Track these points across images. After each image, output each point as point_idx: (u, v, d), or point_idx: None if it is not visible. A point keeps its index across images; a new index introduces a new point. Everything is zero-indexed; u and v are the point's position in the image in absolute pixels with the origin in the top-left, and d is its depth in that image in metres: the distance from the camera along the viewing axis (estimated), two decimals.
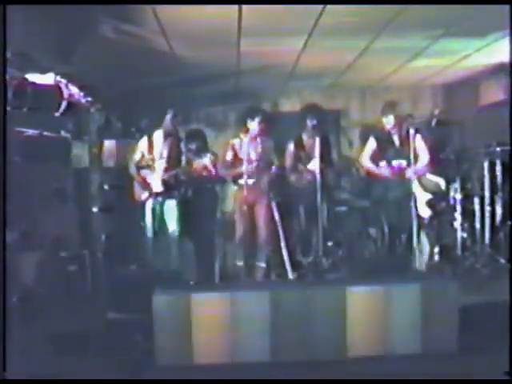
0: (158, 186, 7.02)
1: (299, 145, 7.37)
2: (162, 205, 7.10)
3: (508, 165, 7.36)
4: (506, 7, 5.27)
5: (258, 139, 7.12)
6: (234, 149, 7.18)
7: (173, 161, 7.07)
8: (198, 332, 4.81)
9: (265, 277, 7.15)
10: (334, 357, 4.82)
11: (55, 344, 4.79)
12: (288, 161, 7.39)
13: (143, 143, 7.17)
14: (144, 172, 7.10)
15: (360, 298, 4.96)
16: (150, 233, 7.07)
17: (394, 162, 7.16)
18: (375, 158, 7.34)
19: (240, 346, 4.84)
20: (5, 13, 3.85)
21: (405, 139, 7.08)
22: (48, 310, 5.02)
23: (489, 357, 4.46)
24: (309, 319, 4.88)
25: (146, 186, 7.06)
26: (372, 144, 7.39)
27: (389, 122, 7.21)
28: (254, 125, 7.06)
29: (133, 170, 7.19)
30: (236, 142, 7.20)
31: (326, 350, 4.88)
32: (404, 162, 7.08)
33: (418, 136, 7.01)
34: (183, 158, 7.09)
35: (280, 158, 7.29)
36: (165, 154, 7.05)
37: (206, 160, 6.80)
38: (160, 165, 7.04)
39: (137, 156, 7.19)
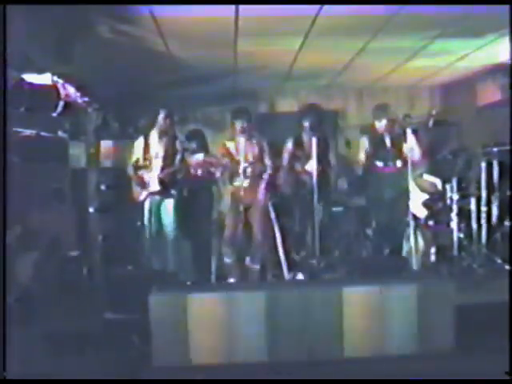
0: (154, 186, 7.02)
1: (299, 144, 7.34)
2: (158, 204, 7.11)
3: (505, 165, 7.37)
4: (503, 7, 5.27)
5: (253, 140, 7.10)
6: (227, 150, 7.17)
7: (169, 160, 7.08)
8: (195, 332, 4.81)
9: (259, 278, 7.14)
10: (331, 357, 4.83)
11: (52, 344, 4.79)
12: (285, 159, 7.40)
13: (139, 144, 7.19)
14: (141, 172, 7.11)
15: (356, 298, 4.97)
16: (147, 232, 7.08)
17: (389, 163, 7.20)
18: (370, 161, 7.38)
19: (237, 346, 4.85)
20: (5, 13, 3.86)
21: (398, 140, 7.10)
22: (45, 310, 5.03)
23: (488, 357, 4.46)
24: (305, 319, 4.89)
25: (143, 185, 7.07)
26: (365, 146, 7.43)
27: (381, 125, 7.25)
28: (238, 125, 7.04)
29: (131, 170, 7.21)
30: (229, 143, 7.19)
31: (324, 350, 4.88)
32: (398, 163, 7.12)
33: (414, 136, 7.02)
34: (179, 157, 7.11)
35: (275, 158, 7.29)
36: (160, 153, 7.07)
37: (200, 156, 6.83)
38: (156, 164, 7.05)
39: (134, 156, 7.21)
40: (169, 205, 7.11)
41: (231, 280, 7.05)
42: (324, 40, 6.91)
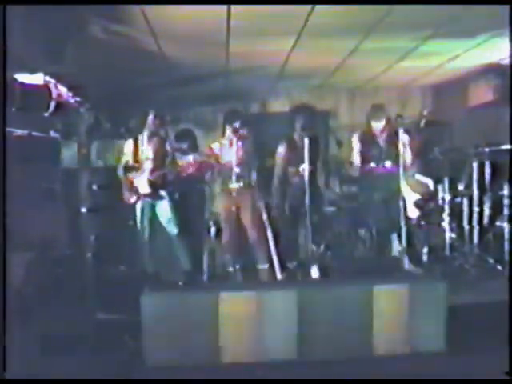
0: (144, 187, 7.00)
1: (291, 146, 7.32)
2: (149, 206, 7.09)
3: (497, 165, 7.39)
4: (494, 7, 5.28)
5: (244, 141, 7.09)
6: (215, 151, 7.16)
7: (159, 161, 7.07)
8: (187, 332, 4.80)
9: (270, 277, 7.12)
10: (328, 357, 4.83)
11: (46, 345, 4.78)
12: (278, 161, 7.38)
13: (129, 145, 7.17)
14: (131, 175, 7.09)
15: (351, 299, 4.97)
16: (139, 234, 7.06)
17: (382, 164, 7.20)
18: (363, 161, 7.38)
19: (232, 346, 4.84)
20: (5, 13, 3.86)
21: (391, 141, 7.10)
22: (38, 310, 5.01)
23: (487, 357, 4.46)
24: (299, 319, 4.89)
25: (133, 188, 7.05)
26: (357, 148, 7.41)
27: (378, 126, 7.23)
28: (230, 126, 7.01)
29: (120, 172, 7.18)
30: (217, 144, 7.19)
31: (320, 350, 4.89)
32: (391, 163, 7.12)
33: (406, 137, 7.03)
34: (169, 158, 7.09)
35: (267, 159, 7.28)
36: (150, 155, 7.05)
37: (190, 158, 6.81)
38: (146, 166, 7.02)
39: (123, 158, 7.18)
40: (160, 207, 7.10)
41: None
42: (316, 40, 6.92)
